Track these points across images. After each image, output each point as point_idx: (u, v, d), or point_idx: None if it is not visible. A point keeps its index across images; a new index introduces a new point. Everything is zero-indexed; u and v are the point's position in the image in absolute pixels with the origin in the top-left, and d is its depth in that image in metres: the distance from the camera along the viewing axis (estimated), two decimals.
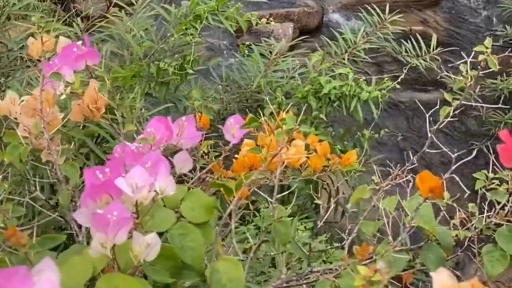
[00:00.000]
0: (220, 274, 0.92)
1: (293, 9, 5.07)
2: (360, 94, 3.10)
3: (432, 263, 1.08)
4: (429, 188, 0.98)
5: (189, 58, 2.82)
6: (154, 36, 2.91)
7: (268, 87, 3.14)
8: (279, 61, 3.23)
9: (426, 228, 1.07)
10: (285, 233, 1.05)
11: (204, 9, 2.91)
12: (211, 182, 1.07)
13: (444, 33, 4.94)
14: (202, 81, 3.20)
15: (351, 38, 3.33)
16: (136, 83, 2.80)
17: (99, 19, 3.34)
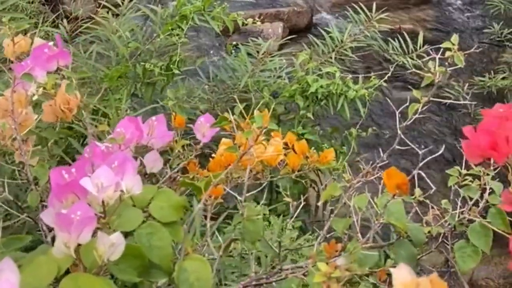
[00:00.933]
0: (188, 273, 0.92)
1: (282, 8, 5.07)
2: (347, 93, 3.10)
3: (404, 259, 1.08)
4: (396, 184, 0.99)
5: (175, 58, 2.82)
6: (140, 37, 2.91)
7: (256, 86, 3.14)
8: (267, 60, 3.23)
9: (397, 225, 1.07)
10: (254, 231, 1.05)
11: (190, 9, 2.91)
12: (181, 181, 1.07)
13: (433, 31, 4.95)
14: (189, 82, 3.20)
15: (338, 37, 3.34)
16: (122, 84, 2.81)
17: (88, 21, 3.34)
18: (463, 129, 0.93)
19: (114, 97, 2.70)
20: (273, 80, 3.20)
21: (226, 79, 3.17)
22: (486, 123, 0.92)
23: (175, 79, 3.07)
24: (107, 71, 2.80)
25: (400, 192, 1.00)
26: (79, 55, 2.90)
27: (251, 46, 3.24)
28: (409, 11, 5.13)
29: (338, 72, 3.14)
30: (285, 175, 1.54)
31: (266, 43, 3.25)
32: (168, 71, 2.83)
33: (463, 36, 4.87)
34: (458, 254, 1.13)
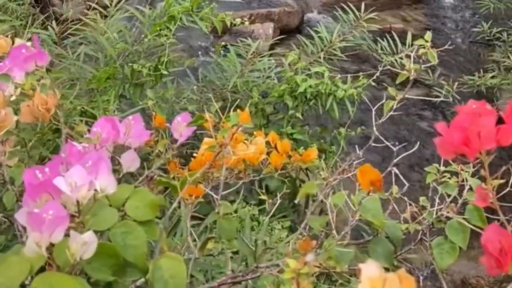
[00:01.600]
0: (163, 270, 0.92)
1: (273, 9, 5.07)
2: (336, 92, 3.11)
3: (381, 256, 1.09)
4: (370, 181, 0.99)
5: (164, 59, 2.82)
6: (128, 38, 2.91)
7: (245, 87, 3.15)
8: (256, 61, 3.24)
9: (374, 222, 1.07)
10: (229, 230, 1.06)
11: (179, 10, 2.91)
12: (157, 180, 1.07)
13: (424, 31, 4.95)
14: (179, 82, 3.21)
15: (327, 37, 3.35)
16: (110, 85, 2.80)
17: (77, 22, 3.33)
18: (435, 125, 0.93)
19: (102, 99, 2.70)
20: (262, 80, 3.20)
21: (215, 79, 3.17)
22: (459, 119, 0.93)
23: (164, 80, 3.08)
24: (95, 73, 2.80)
25: (374, 188, 1.00)
26: (67, 57, 2.90)
27: (241, 46, 3.25)
28: (400, 10, 5.15)
29: (327, 71, 3.15)
30: (267, 174, 1.54)
31: (255, 44, 3.25)
32: (156, 72, 2.83)
33: (453, 35, 4.89)
34: (436, 251, 1.14)
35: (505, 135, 0.92)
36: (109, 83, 2.79)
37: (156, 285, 0.92)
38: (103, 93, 2.78)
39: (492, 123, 0.92)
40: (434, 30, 4.90)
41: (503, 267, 0.85)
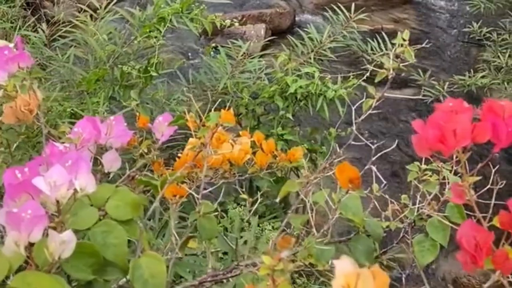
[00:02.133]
0: (143, 269, 0.93)
1: (265, 10, 5.09)
2: (326, 93, 3.12)
3: (362, 254, 1.10)
4: (348, 178, 1.00)
5: (153, 61, 2.82)
6: (118, 40, 2.92)
7: (235, 88, 3.15)
8: (246, 62, 3.24)
9: (354, 220, 1.08)
10: (210, 229, 1.06)
11: (168, 12, 2.92)
12: (138, 179, 1.08)
13: (415, 31, 4.98)
14: (169, 84, 3.21)
15: (317, 37, 3.36)
16: (100, 87, 2.81)
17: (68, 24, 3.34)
18: (412, 123, 0.94)
19: (91, 100, 2.71)
20: (253, 81, 3.21)
21: (205, 81, 3.18)
22: (435, 117, 0.94)
23: (155, 81, 3.09)
24: (85, 75, 2.81)
25: (353, 186, 1.01)
26: (57, 59, 2.90)
27: (231, 48, 3.26)
28: (391, 11, 5.16)
29: (317, 72, 3.16)
30: (253, 173, 1.55)
31: (245, 45, 3.26)
32: (146, 74, 2.83)
33: (444, 35, 4.91)
34: (417, 248, 1.15)
35: (481, 132, 0.93)
36: (99, 85, 2.80)
37: (135, 284, 0.92)
38: (93, 95, 2.78)
39: (467, 120, 0.93)
40: (425, 30, 4.92)
41: (478, 262, 0.86)
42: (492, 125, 0.93)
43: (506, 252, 0.87)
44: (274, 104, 3.19)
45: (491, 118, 0.94)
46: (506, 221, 0.88)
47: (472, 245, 0.86)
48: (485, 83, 3.81)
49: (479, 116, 0.96)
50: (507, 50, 3.87)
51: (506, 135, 0.93)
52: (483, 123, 0.94)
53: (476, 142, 0.94)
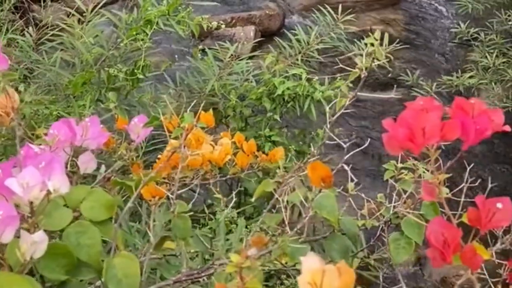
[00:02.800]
0: (116, 269, 0.94)
1: (254, 12, 5.10)
2: (314, 94, 3.13)
3: (337, 253, 1.11)
4: (320, 177, 1.01)
5: (140, 63, 2.83)
6: (104, 43, 2.92)
7: (222, 90, 3.16)
8: (234, 64, 3.25)
9: (329, 219, 1.09)
10: (184, 228, 1.07)
11: (155, 14, 2.92)
12: (113, 180, 1.09)
13: (404, 31, 5.00)
14: (157, 87, 3.22)
15: (304, 39, 3.37)
16: (86, 90, 2.81)
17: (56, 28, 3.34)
18: (383, 121, 0.95)
19: (78, 104, 2.71)
20: (240, 83, 3.22)
21: (193, 83, 3.19)
22: (405, 115, 0.95)
23: (143, 84, 3.09)
24: (71, 78, 2.81)
25: (325, 185, 1.02)
26: (44, 62, 2.90)
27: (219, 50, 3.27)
28: (380, 12, 5.18)
29: (305, 73, 3.17)
30: (234, 174, 1.56)
31: (233, 47, 3.27)
32: (133, 76, 2.84)
33: (433, 35, 4.93)
34: (393, 246, 1.16)
35: (450, 130, 0.94)
36: (85, 88, 2.80)
37: (109, 284, 0.93)
38: (80, 98, 2.79)
39: (437, 118, 0.94)
40: (413, 31, 4.94)
41: (446, 259, 0.87)
42: (461, 123, 0.94)
43: (474, 248, 0.88)
44: (261, 106, 3.19)
45: (460, 116, 0.95)
46: (473, 218, 0.89)
47: (440, 242, 0.87)
48: (473, 83, 3.83)
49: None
50: (494, 51, 3.89)
51: (475, 133, 0.94)
52: (452, 121, 0.95)
53: (446, 140, 0.95)
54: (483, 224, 0.88)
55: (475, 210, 0.89)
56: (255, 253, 0.76)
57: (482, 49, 3.99)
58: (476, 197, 0.89)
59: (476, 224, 0.89)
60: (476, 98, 4.02)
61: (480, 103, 0.97)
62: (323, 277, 0.74)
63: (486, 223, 0.88)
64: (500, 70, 3.81)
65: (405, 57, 4.67)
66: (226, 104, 3.18)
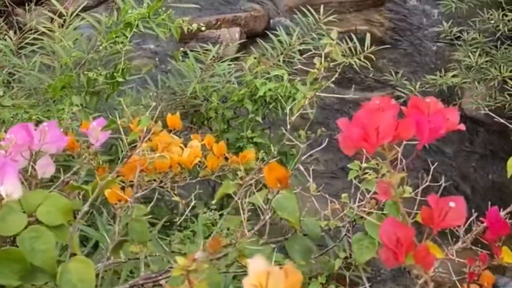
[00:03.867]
0: (71, 274, 0.93)
1: (239, 14, 5.10)
2: (295, 95, 3.13)
3: (298, 253, 1.10)
4: (277, 178, 1.00)
5: (120, 67, 2.82)
6: (84, 46, 2.91)
7: (204, 92, 3.16)
8: (216, 66, 3.25)
9: (290, 220, 1.09)
10: (141, 232, 1.06)
11: (135, 17, 2.92)
12: (69, 185, 1.08)
13: (389, 32, 5.01)
14: (138, 89, 3.21)
15: (286, 40, 3.37)
16: (66, 94, 2.80)
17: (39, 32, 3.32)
18: (337, 121, 0.95)
19: (57, 107, 2.70)
20: (222, 85, 3.21)
21: (174, 85, 3.18)
22: (360, 115, 0.94)
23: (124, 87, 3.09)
24: (51, 82, 2.80)
25: (282, 186, 1.01)
26: (24, 66, 2.89)
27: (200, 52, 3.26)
28: (365, 12, 5.19)
29: (286, 74, 3.17)
30: (205, 176, 1.55)
31: (214, 49, 3.27)
32: (113, 80, 2.83)
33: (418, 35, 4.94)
34: (356, 246, 1.15)
35: (405, 129, 0.94)
36: (65, 92, 2.79)
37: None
38: (60, 102, 2.77)
39: (391, 117, 0.93)
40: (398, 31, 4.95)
41: (399, 258, 0.87)
42: (416, 121, 0.94)
43: (427, 248, 0.88)
44: (244, 108, 3.19)
45: (415, 115, 0.95)
46: (426, 217, 0.89)
47: (393, 242, 0.87)
48: (456, 82, 3.84)
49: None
50: (477, 50, 3.90)
51: (429, 132, 0.93)
52: (407, 120, 0.94)
53: (401, 139, 0.95)
54: (436, 223, 0.88)
55: (429, 209, 0.89)
56: (202, 256, 0.75)
57: (465, 48, 4.00)
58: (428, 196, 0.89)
59: (429, 223, 0.89)
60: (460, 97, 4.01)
61: (436, 102, 0.96)
62: (268, 279, 0.74)
63: (439, 222, 0.88)
64: (483, 69, 3.82)
65: (390, 57, 4.68)
66: (208, 106, 3.18)
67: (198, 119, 3.21)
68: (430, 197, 0.89)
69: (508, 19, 3.85)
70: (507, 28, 3.85)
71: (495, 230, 1.03)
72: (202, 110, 3.17)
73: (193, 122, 3.22)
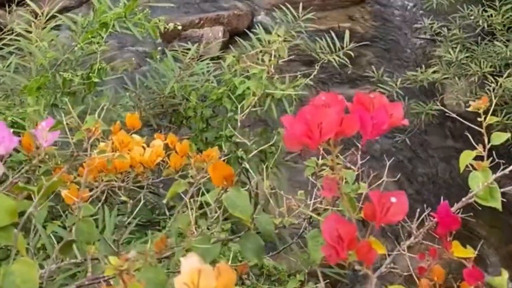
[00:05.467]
0: (14, 276, 0.92)
1: (222, 12, 5.09)
2: (274, 93, 3.12)
3: (251, 252, 1.09)
4: (222, 176, 1.00)
5: (95, 67, 2.81)
6: (60, 47, 2.90)
7: (182, 91, 3.15)
8: (195, 65, 3.24)
9: (242, 218, 1.08)
10: (89, 232, 1.05)
11: (111, 17, 2.91)
12: (15, 185, 1.07)
13: (372, 28, 5.01)
14: (116, 90, 3.20)
15: (265, 38, 3.36)
16: (42, 95, 2.78)
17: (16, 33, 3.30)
18: (282, 118, 0.94)
19: (32, 109, 2.68)
20: (201, 84, 3.20)
21: (153, 85, 3.17)
22: (304, 111, 0.94)
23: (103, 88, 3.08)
24: (27, 83, 2.78)
25: (227, 183, 1.01)
26: None
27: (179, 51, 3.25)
28: (348, 9, 5.19)
29: (265, 72, 3.16)
30: (168, 176, 1.54)
31: (193, 48, 3.26)
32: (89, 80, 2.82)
33: (400, 31, 4.94)
34: (311, 243, 1.15)
35: (349, 125, 0.93)
36: (41, 93, 2.77)
37: None
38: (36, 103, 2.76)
39: (334, 113, 0.93)
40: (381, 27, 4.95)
41: (340, 255, 0.86)
42: (360, 117, 0.94)
43: (369, 244, 0.88)
44: (223, 106, 3.18)
45: (359, 111, 0.94)
46: (369, 213, 0.88)
47: (334, 238, 0.86)
48: (437, 78, 3.84)
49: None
50: (457, 45, 3.91)
51: (372, 128, 0.93)
52: (351, 116, 0.94)
53: (345, 135, 0.94)
54: (378, 218, 0.88)
55: (371, 205, 0.89)
56: (134, 255, 0.74)
57: (446, 44, 4.01)
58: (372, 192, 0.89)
59: (371, 218, 0.88)
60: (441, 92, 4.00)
61: (381, 98, 0.96)
62: (200, 277, 0.73)
63: (381, 218, 0.88)
64: (464, 64, 3.83)
65: (372, 54, 4.68)
66: (187, 105, 3.17)
67: (177, 118, 3.21)
68: (372, 193, 0.89)
69: (488, 14, 3.86)
70: (487, 24, 3.86)
71: (445, 225, 1.02)
72: (181, 109, 3.16)
73: (172, 121, 3.21)
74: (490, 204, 1.06)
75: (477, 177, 1.06)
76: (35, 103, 2.53)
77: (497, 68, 3.75)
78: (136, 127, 1.49)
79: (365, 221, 0.94)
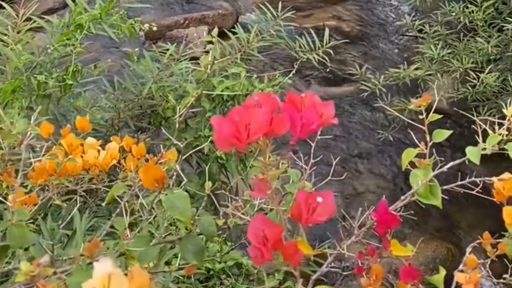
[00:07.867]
0: None
1: (207, 12, 5.09)
2: (253, 92, 3.11)
3: (191, 254, 1.09)
4: (154, 178, 0.99)
5: (70, 69, 2.80)
6: (35, 49, 2.89)
7: (160, 92, 3.14)
8: (173, 65, 3.23)
9: (182, 220, 1.07)
10: (20, 237, 1.04)
11: (86, 18, 2.90)
12: None
13: (357, 26, 5.00)
14: (94, 91, 3.19)
15: (244, 37, 3.35)
16: (17, 97, 2.78)
17: None
18: (211, 119, 0.94)
19: (6, 111, 2.68)
20: (180, 84, 3.19)
21: (130, 86, 3.16)
22: (233, 111, 0.93)
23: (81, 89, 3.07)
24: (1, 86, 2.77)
25: (159, 186, 1.00)
26: None
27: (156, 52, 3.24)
28: (334, 7, 5.18)
29: (243, 72, 3.15)
30: (124, 178, 1.53)
31: (171, 47, 3.24)
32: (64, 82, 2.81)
33: (385, 29, 4.94)
34: None
35: (279, 125, 0.93)
36: (15, 96, 2.76)
37: None
38: (11, 106, 2.75)
39: (262, 114, 0.92)
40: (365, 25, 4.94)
41: (264, 256, 0.85)
42: (290, 117, 0.93)
43: (295, 245, 0.87)
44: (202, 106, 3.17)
45: (289, 110, 0.94)
46: (296, 213, 0.87)
47: (259, 239, 0.85)
48: (419, 74, 3.84)
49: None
50: (439, 42, 3.90)
51: (301, 127, 0.92)
52: (281, 115, 0.93)
53: (276, 134, 0.93)
54: (305, 218, 0.87)
55: (297, 205, 0.88)
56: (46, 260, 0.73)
57: (428, 41, 4.01)
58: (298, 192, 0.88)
59: (298, 219, 0.87)
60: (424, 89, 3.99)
61: (312, 97, 0.95)
62: (110, 282, 0.73)
63: (308, 218, 0.87)
64: (446, 61, 3.82)
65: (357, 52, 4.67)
66: (165, 106, 3.16)
67: (155, 119, 3.20)
68: (298, 193, 0.88)
69: (469, 11, 3.85)
70: (468, 20, 3.85)
71: (384, 223, 1.01)
72: (160, 110, 3.15)
73: (151, 122, 3.20)
74: (431, 202, 1.05)
75: (417, 175, 1.05)
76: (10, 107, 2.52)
77: (479, 64, 3.75)
78: (86, 130, 1.48)
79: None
